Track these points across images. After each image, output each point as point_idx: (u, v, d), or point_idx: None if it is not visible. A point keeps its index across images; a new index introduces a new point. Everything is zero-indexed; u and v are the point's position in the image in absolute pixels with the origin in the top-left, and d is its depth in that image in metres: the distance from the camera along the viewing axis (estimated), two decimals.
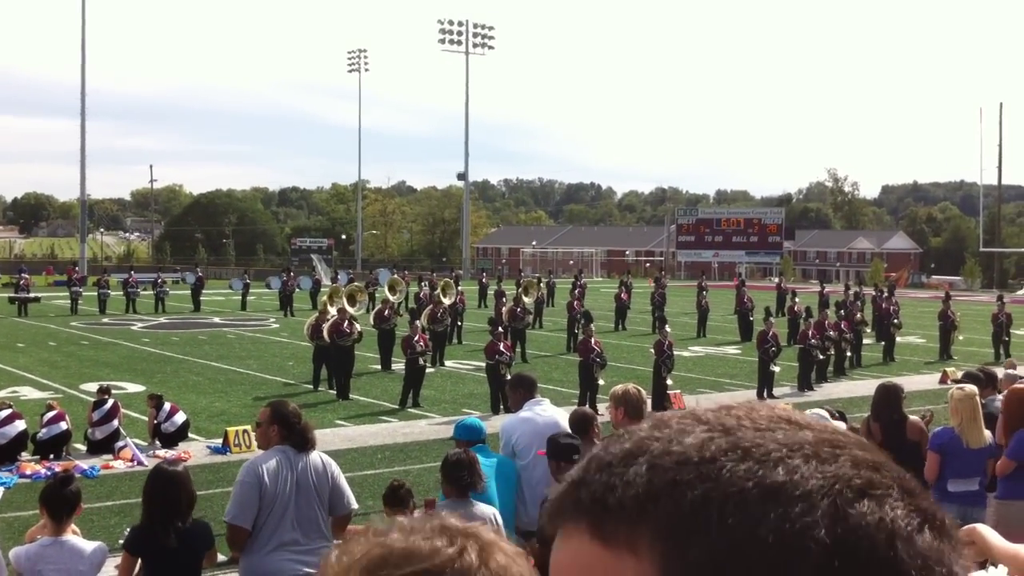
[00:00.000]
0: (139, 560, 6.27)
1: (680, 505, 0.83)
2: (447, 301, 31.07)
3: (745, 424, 0.90)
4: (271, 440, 6.53)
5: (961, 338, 32.00)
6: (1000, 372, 12.74)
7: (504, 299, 33.14)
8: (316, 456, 6.62)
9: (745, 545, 0.81)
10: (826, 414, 8.29)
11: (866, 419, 9.81)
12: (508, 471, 7.50)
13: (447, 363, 27.58)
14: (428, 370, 25.36)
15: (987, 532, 1.81)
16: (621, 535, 0.84)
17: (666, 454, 0.87)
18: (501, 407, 19.30)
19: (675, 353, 21.80)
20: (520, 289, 34.88)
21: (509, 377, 12.58)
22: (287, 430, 6.51)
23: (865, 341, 30.17)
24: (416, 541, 1.08)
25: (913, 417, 10.15)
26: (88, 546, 6.27)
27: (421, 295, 35.94)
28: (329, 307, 25.03)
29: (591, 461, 0.91)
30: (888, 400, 9.79)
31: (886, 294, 34.17)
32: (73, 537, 6.30)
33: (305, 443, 6.49)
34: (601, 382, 20.49)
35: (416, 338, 21.56)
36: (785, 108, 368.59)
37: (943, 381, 24.70)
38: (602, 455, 0.91)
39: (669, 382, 21.87)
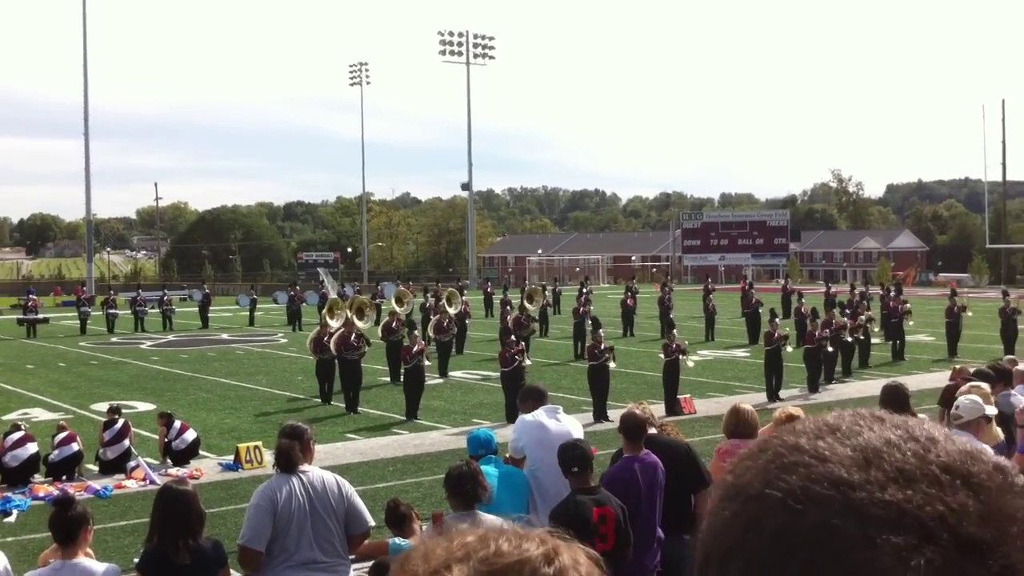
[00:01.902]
0: None
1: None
2: (452, 311, 31.10)
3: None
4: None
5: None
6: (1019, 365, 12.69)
7: (509, 308, 33.15)
8: (331, 477, 6.66)
9: None
10: (979, 400, 8.23)
11: None
12: (518, 481, 7.50)
13: (455, 373, 27.57)
14: (436, 381, 25.41)
15: None
16: None
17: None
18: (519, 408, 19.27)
19: (683, 358, 21.77)
20: (524, 297, 34.95)
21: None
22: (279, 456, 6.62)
23: (874, 340, 30.12)
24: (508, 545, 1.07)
25: (921, 415, 10.13)
26: (99, 568, 6.26)
27: (426, 306, 35.97)
28: (329, 321, 25.05)
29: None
30: (897, 400, 9.78)
31: (894, 293, 34.14)
32: (84, 559, 6.29)
33: (281, 466, 6.55)
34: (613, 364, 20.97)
35: (414, 347, 21.53)
36: (788, 109, 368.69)
37: (953, 378, 24.63)
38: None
39: (690, 363, 22.01)
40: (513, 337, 22.26)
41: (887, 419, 0.94)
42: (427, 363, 21.93)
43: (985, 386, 8.98)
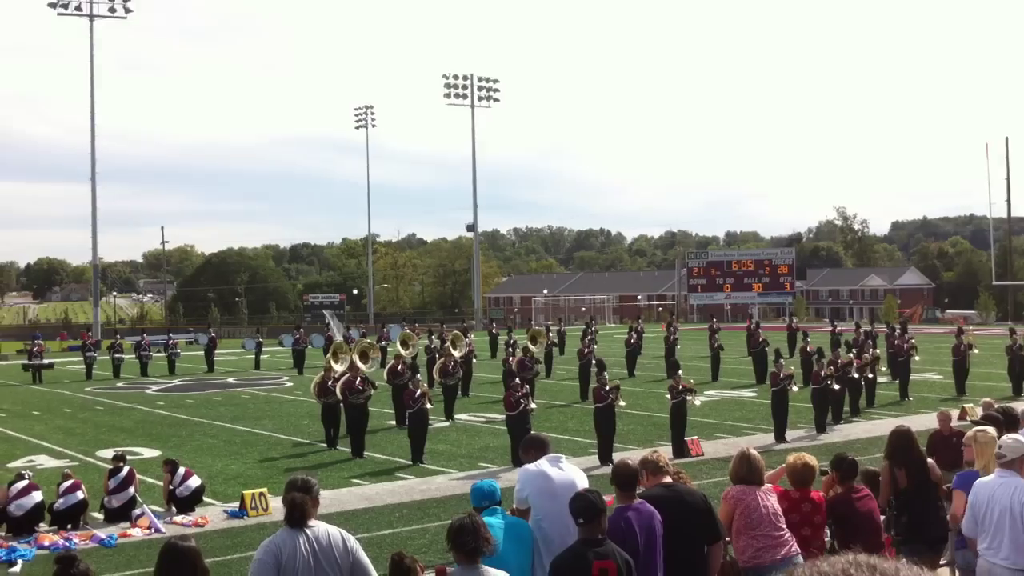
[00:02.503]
0: None
1: None
2: (457, 354, 31.07)
3: None
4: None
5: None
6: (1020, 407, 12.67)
7: (512, 349, 33.09)
8: (336, 532, 6.62)
9: None
10: (1022, 439, 8.23)
11: (887, 465, 9.73)
12: (522, 532, 7.46)
13: (461, 416, 27.51)
14: (442, 424, 25.35)
15: None
16: None
17: None
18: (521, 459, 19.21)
19: (690, 397, 21.66)
20: (528, 338, 34.92)
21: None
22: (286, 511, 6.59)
23: (880, 379, 30.02)
24: None
25: (929, 460, 10.12)
26: None
27: (431, 347, 35.94)
28: (334, 364, 25.04)
29: None
30: (909, 443, 9.77)
31: (899, 331, 34.07)
32: None
33: (292, 521, 6.51)
34: (622, 403, 20.96)
35: (417, 392, 21.48)
36: (792, 147, 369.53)
37: (962, 417, 24.54)
38: None
39: (697, 402, 21.97)
40: (517, 380, 22.21)
41: (876, 567, 0.96)
42: (430, 407, 21.88)
43: (992, 431, 8.95)
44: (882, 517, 9.83)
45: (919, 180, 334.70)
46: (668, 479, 7.95)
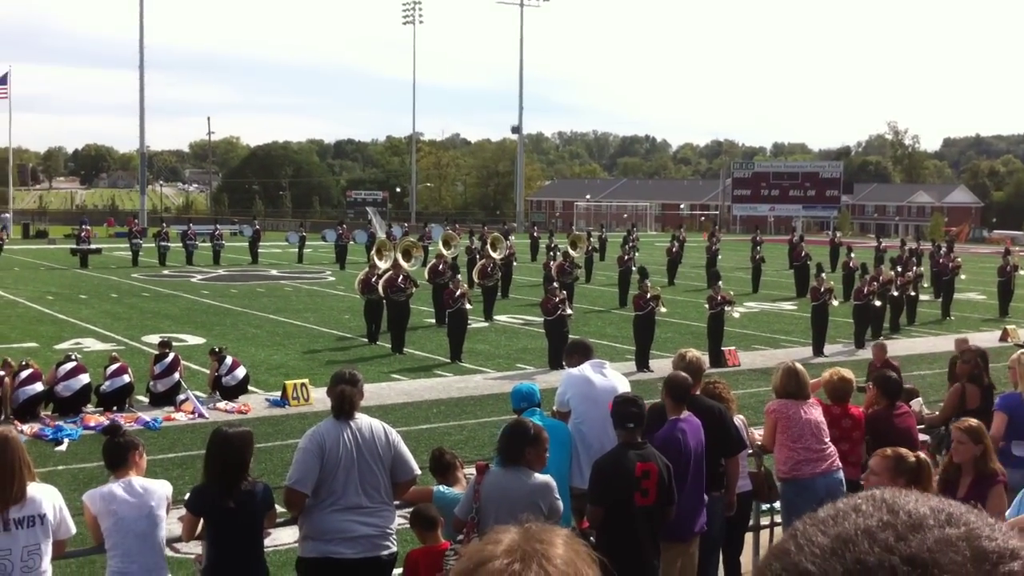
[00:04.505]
0: (201, 519, 6.46)
1: None
2: (497, 256, 31.12)
3: None
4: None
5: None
6: None
7: (554, 254, 33.09)
8: (379, 425, 6.75)
9: None
10: None
11: (960, 384, 9.71)
12: (561, 435, 7.57)
13: (500, 317, 27.68)
14: (481, 325, 25.55)
15: None
16: None
17: None
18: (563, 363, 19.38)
19: (728, 309, 21.61)
20: (568, 243, 34.87)
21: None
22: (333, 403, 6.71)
23: (923, 297, 29.82)
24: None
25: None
26: (155, 484, 6.53)
27: (472, 248, 36.02)
28: (377, 261, 25.18)
29: None
30: (986, 365, 9.77)
31: (944, 249, 33.71)
32: (140, 477, 6.53)
33: (341, 413, 6.63)
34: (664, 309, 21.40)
35: (457, 291, 21.59)
36: (844, 59, 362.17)
37: (1004, 339, 24.40)
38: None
39: (736, 315, 22.02)
40: (556, 284, 22.26)
41: (889, 503, 0.99)
42: (469, 307, 22.02)
43: None
44: (925, 436, 9.85)
45: (973, 96, 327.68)
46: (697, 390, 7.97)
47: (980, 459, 6.72)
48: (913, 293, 28.05)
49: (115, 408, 15.94)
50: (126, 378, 16.28)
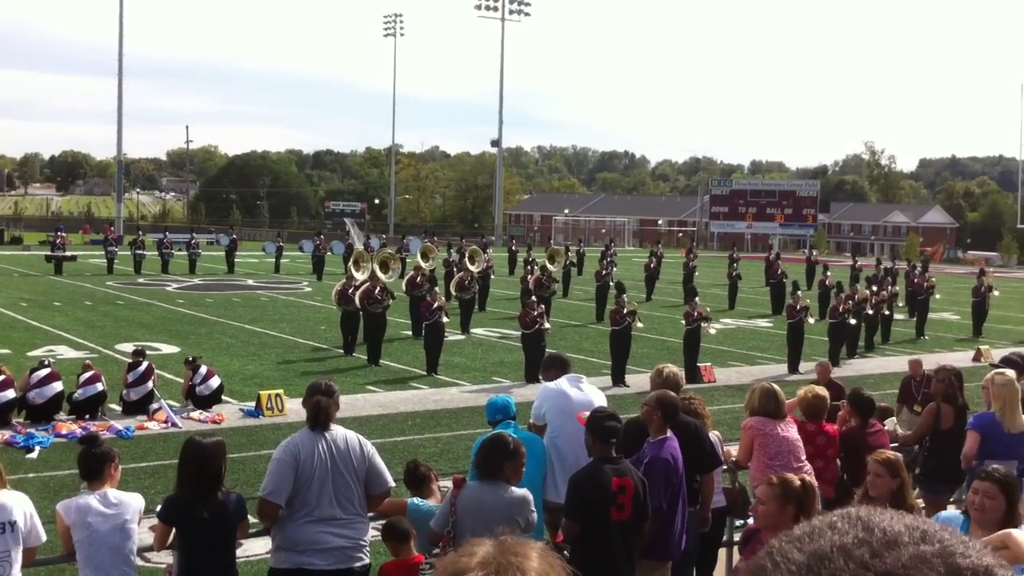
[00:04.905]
0: (173, 529, 6.41)
1: None
2: (474, 269, 31.12)
3: None
4: None
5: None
6: None
7: (531, 268, 33.12)
8: (353, 436, 6.73)
9: None
10: None
11: (934, 404, 9.74)
12: (536, 449, 7.57)
13: (476, 331, 27.66)
14: (457, 337, 25.52)
15: (1021, 537, 1.87)
16: None
17: None
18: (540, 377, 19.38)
19: (705, 325, 21.66)
20: (546, 257, 34.92)
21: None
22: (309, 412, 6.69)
23: (897, 316, 29.98)
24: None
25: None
26: (128, 497, 6.48)
27: (450, 260, 36.01)
28: (355, 272, 25.14)
29: None
30: (961, 385, 9.81)
31: (919, 269, 33.94)
32: (115, 490, 6.49)
33: (316, 424, 6.60)
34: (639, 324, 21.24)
35: (434, 304, 21.57)
36: (822, 79, 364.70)
37: (976, 359, 24.57)
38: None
39: (712, 331, 22.06)
40: (533, 298, 22.28)
41: (864, 521, 1.00)
42: (446, 319, 22.00)
43: (1011, 373, 8.93)
44: (898, 454, 9.89)
45: (950, 118, 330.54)
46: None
47: (897, 493, 6.53)
48: (888, 312, 28.21)
49: (87, 416, 15.81)
50: (99, 386, 16.15)
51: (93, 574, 6.25)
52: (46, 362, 16.53)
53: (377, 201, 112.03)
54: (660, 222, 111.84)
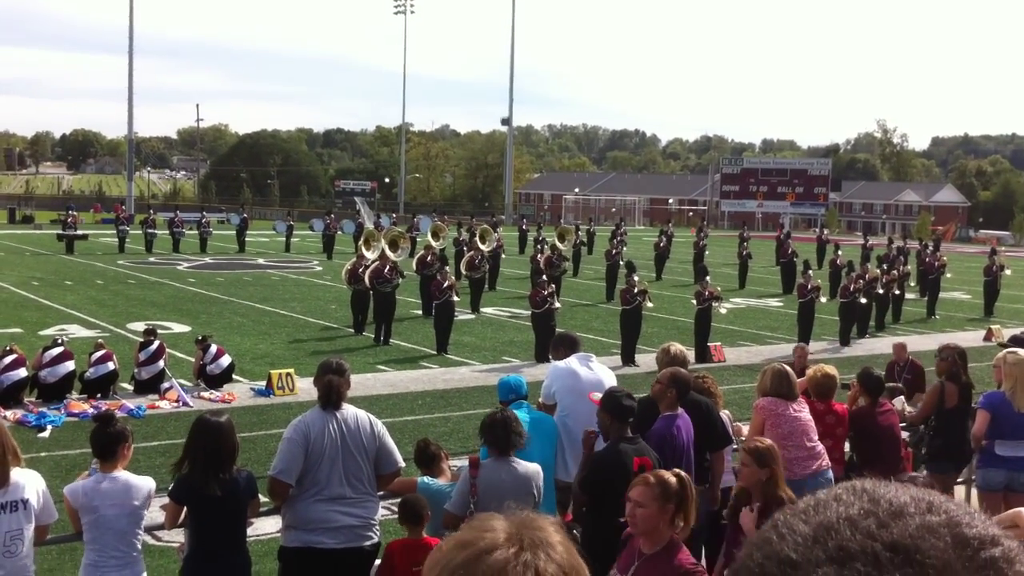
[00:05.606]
0: (184, 507, 6.45)
1: None
2: (485, 248, 31.12)
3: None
4: None
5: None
6: None
7: (541, 247, 33.10)
8: (364, 416, 6.76)
9: None
10: None
11: (938, 383, 9.73)
12: (547, 427, 7.58)
13: (487, 310, 27.68)
14: (468, 317, 25.55)
15: None
16: None
17: None
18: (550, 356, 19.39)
19: (716, 304, 21.62)
20: (556, 236, 34.89)
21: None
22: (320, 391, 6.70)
23: (909, 296, 29.92)
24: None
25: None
26: (139, 480, 6.47)
27: (460, 240, 36.03)
28: (365, 252, 25.15)
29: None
30: (965, 363, 9.80)
31: (931, 248, 33.84)
32: (126, 472, 6.48)
33: (328, 403, 6.63)
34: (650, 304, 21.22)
35: (445, 283, 21.58)
36: (834, 58, 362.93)
37: (987, 338, 24.50)
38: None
39: (723, 310, 22.02)
40: (544, 277, 22.28)
41: (870, 492, 1.01)
42: (456, 299, 22.02)
43: (1023, 352, 8.90)
44: (905, 434, 9.89)
45: (962, 96, 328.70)
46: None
47: (767, 484, 6.17)
48: (899, 291, 28.15)
49: (99, 395, 15.88)
50: (111, 365, 16.21)
51: (99, 556, 6.28)
52: (60, 340, 16.61)
53: (387, 180, 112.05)
54: (671, 201, 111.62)
